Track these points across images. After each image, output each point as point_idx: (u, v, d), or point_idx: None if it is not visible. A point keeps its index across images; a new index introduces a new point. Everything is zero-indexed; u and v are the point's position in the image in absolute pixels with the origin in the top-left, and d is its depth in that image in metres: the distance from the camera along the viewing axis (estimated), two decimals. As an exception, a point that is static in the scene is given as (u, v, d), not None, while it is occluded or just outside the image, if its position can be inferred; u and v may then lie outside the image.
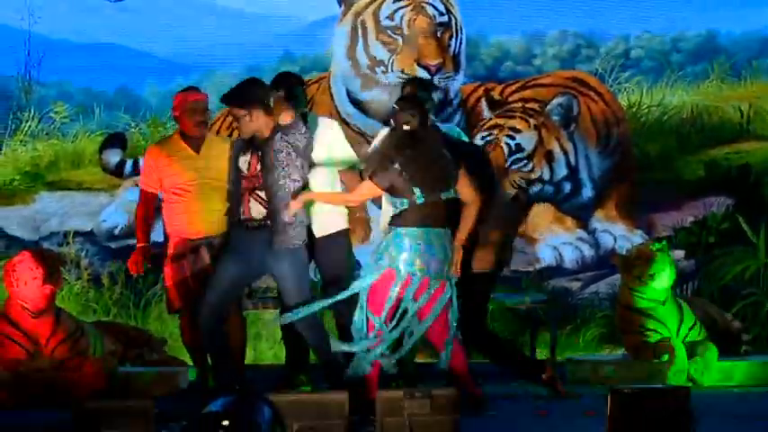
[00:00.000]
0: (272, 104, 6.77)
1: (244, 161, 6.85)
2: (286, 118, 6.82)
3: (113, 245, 9.25)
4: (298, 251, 6.75)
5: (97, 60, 9.20)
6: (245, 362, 7.44)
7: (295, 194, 6.74)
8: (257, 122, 6.75)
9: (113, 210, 9.26)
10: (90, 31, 9.18)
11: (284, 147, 6.76)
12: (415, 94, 7.05)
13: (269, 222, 6.75)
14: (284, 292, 6.79)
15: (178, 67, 9.12)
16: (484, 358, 7.16)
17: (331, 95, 9.24)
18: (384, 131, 7.07)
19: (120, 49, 9.07)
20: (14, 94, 9.17)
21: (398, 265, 6.51)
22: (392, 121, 6.69)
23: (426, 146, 6.56)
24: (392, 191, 6.56)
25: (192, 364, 7.51)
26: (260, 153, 6.79)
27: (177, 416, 6.21)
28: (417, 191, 6.50)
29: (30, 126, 9.17)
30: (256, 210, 6.82)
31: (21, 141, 9.16)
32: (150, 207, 7.32)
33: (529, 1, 9.48)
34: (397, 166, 6.52)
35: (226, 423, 4.09)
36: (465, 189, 6.64)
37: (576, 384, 7.78)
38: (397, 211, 6.57)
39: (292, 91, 6.97)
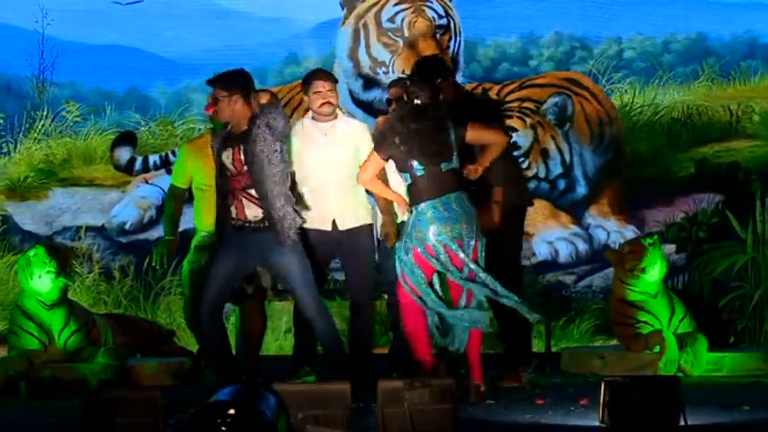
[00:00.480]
0: (252, 98, 6.67)
1: (226, 156, 6.68)
2: (263, 98, 6.72)
3: (124, 239, 9.26)
4: (298, 243, 6.72)
5: (108, 62, 9.21)
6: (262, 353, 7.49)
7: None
8: (235, 107, 6.60)
9: (124, 205, 9.28)
10: (101, 33, 9.19)
11: (261, 132, 6.57)
12: (426, 72, 7.07)
13: (267, 223, 6.65)
14: (294, 284, 6.71)
15: (186, 69, 9.13)
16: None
17: (334, 95, 9.24)
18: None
19: (130, 51, 9.08)
20: (29, 95, 9.19)
21: (430, 240, 6.48)
22: (404, 94, 6.69)
23: (430, 121, 6.51)
24: (396, 164, 6.55)
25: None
26: (241, 147, 6.63)
27: (186, 405, 6.24)
28: (415, 163, 6.49)
29: (43, 125, 9.18)
30: (251, 211, 6.68)
31: (35, 140, 9.17)
32: (180, 203, 7.33)
33: (525, 4, 9.48)
34: (396, 139, 6.51)
35: (232, 412, 4.10)
36: (486, 134, 6.60)
37: (571, 374, 7.81)
38: (407, 186, 6.56)
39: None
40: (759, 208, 9.37)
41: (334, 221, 7.09)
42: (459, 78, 9.01)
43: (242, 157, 6.67)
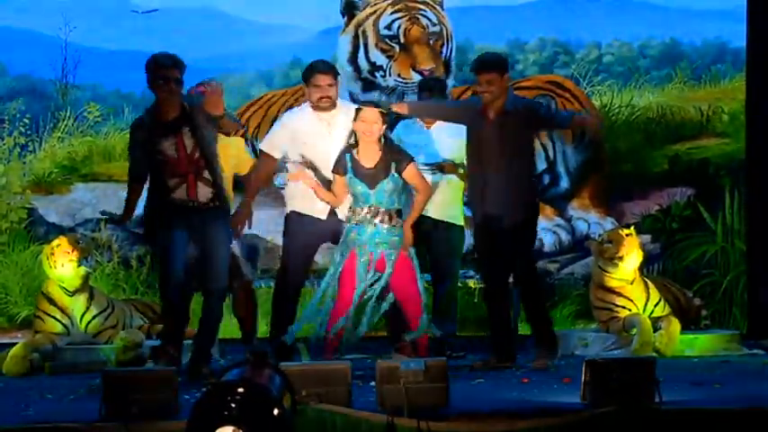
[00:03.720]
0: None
1: (169, 145, 6.51)
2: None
3: (141, 231, 9.23)
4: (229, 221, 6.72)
5: (126, 66, 9.17)
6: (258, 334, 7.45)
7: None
8: (179, 90, 6.51)
9: (141, 199, 9.24)
10: (120, 39, 9.17)
11: (203, 119, 6.47)
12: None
13: (217, 203, 6.55)
14: (212, 259, 6.56)
15: (197, 72, 9.05)
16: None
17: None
18: None
19: (146, 56, 9.00)
20: (53, 96, 9.16)
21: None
22: None
23: None
24: None
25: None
26: (182, 134, 6.49)
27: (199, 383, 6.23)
28: None
29: (66, 125, 9.15)
30: (203, 192, 6.55)
31: (58, 138, 9.15)
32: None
33: (511, 13, 9.46)
34: None
35: (240, 390, 4.09)
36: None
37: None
38: None
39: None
40: (728, 201, 9.36)
41: (333, 212, 7.02)
42: (450, 82, 8.99)
43: (186, 143, 6.51)
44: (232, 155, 7.19)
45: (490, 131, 6.92)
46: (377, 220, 6.73)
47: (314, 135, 6.99)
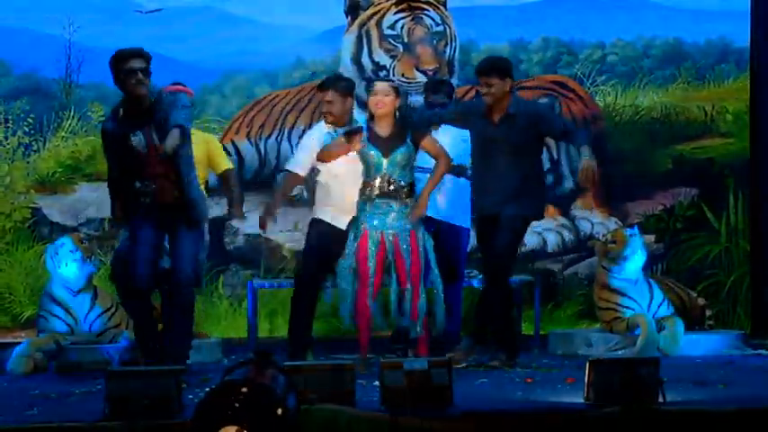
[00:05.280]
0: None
1: (137, 141, 6.40)
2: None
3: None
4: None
5: (130, 65, 9.16)
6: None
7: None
8: (146, 82, 6.41)
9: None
10: (123, 39, 9.14)
11: (162, 111, 6.33)
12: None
13: (184, 201, 6.44)
14: (182, 258, 6.51)
15: (201, 72, 9.09)
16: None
17: (339, 97, 9.21)
18: None
19: (151, 56, 9.04)
20: (57, 96, 9.16)
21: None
22: None
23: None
24: None
25: None
26: (148, 129, 6.36)
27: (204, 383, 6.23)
28: None
29: (70, 124, 9.15)
30: (170, 193, 6.45)
31: (62, 138, 9.14)
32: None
33: (515, 13, 9.46)
34: None
35: (244, 390, 4.09)
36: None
37: (558, 355, 7.80)
38: None
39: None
40: (732, 201, 9.35)
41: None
42: (454, 81, 8.98)
43: (155, 140, 6.38)
44: (207, 154, 7.25)
45: (494, 133, 7.01)
46: (389, 197, 6.79)
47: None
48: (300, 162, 7.33)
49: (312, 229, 7.28)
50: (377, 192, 6.85)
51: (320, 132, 7.27)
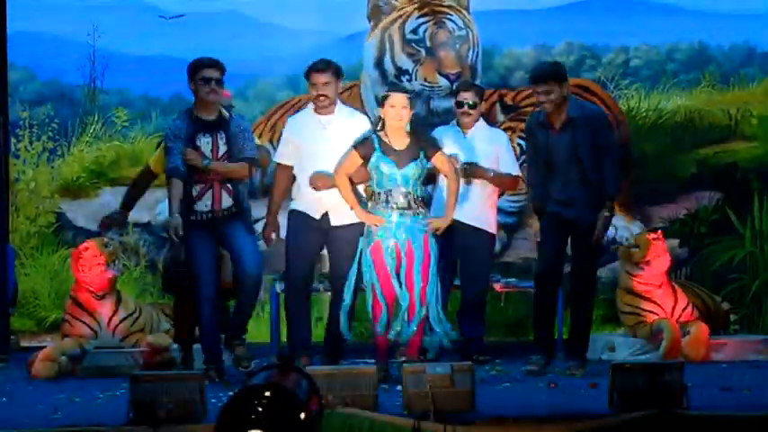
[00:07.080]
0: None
1: (206, 143, 6.59)
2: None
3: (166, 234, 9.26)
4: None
5: (154, 71, 9.22)
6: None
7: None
8: (219, 92, 6.59)
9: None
10: (147, 44, 9.21)
11: (236, 128, 6.56)
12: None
13: (235, 210, 6.63)
14: (247, 261, 6.65)
15: (225, 77, 9.12)
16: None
17: (361, 101, 9.24)
18: None
19: (174, 61, 9.04)
20: (81, 101, 9.21)
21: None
22: None
23: None
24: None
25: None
26: (218, 136, 6.54)
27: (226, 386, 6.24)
28: None
29: (94, 129, 9.20)
30: (226, 200, 6.62)
31: (86, 143, 9.20)
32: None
33: (538, 17, 9.45)
34: None
35: (268, 394, 4.10)
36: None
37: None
38: None
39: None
40: (756, 205, 9.32)
41: (326, 214, 7.01)
42: (477, 85, 8.97)
43: (221, 147, 6.60)
44: None
45: (557, 140, 6.94)
46: (401, 204, 6.73)
47: (309, 138, 7.02)
48: (284, 152, 7.18)
49: (289, 222, 7.14)
50: (393, 204, 6.74)
51: (303, 119, 7.14)
